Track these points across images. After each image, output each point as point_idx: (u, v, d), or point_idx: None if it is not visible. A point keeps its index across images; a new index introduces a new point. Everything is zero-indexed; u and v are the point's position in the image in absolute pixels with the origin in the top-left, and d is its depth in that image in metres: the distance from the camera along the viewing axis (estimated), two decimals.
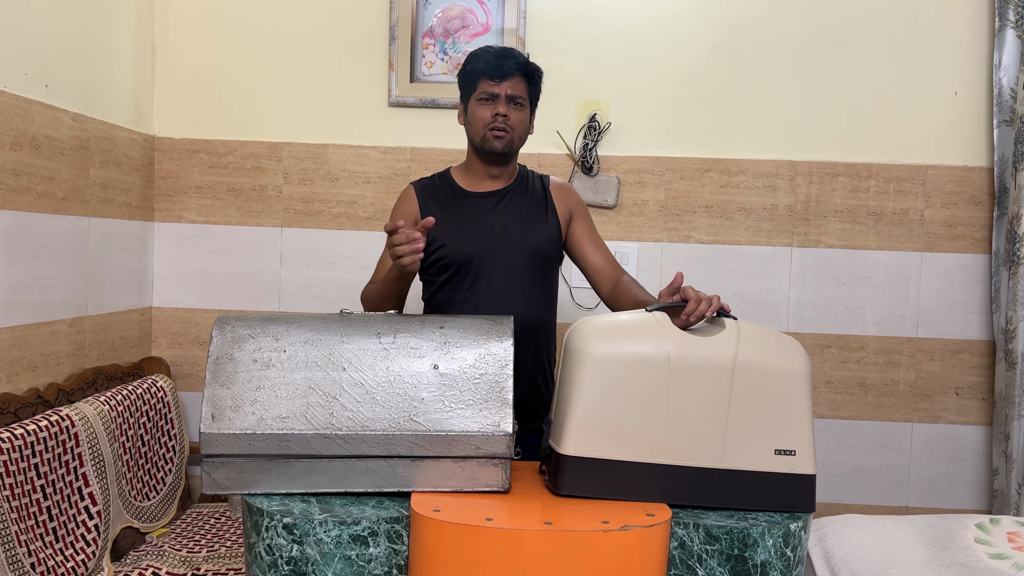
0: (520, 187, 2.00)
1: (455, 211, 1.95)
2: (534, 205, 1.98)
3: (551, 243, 1.97)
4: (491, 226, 1.93)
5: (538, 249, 1.94)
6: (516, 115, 1.90)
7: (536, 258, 1.94)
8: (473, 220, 1.94)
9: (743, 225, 2.83)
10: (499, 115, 1.88)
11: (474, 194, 1.97)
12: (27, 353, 2.20)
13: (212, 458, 1.38)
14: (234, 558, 2.32)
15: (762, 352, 1.41)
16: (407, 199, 2.00)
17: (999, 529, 1.99)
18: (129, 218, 2.71)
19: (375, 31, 2.84)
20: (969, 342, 2.83)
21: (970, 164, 2.80)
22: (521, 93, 1.90)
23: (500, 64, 1.87)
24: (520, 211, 1.96)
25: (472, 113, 1.93)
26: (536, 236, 1.95)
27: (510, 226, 1.94)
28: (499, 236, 1.92)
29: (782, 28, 2.80)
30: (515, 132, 1.91)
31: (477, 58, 1.91)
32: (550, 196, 2.01)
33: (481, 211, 1.95)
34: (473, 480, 1.38)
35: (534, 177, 2.04)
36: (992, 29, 2.75)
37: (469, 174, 2.00)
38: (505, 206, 1.96)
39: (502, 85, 1.88)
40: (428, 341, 1.44)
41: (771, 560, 1.33)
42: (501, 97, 1.88)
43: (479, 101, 1.90)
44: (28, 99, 2.18)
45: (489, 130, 1.89)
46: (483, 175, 1.98)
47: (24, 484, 1.92)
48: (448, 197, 1.98)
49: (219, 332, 1.44)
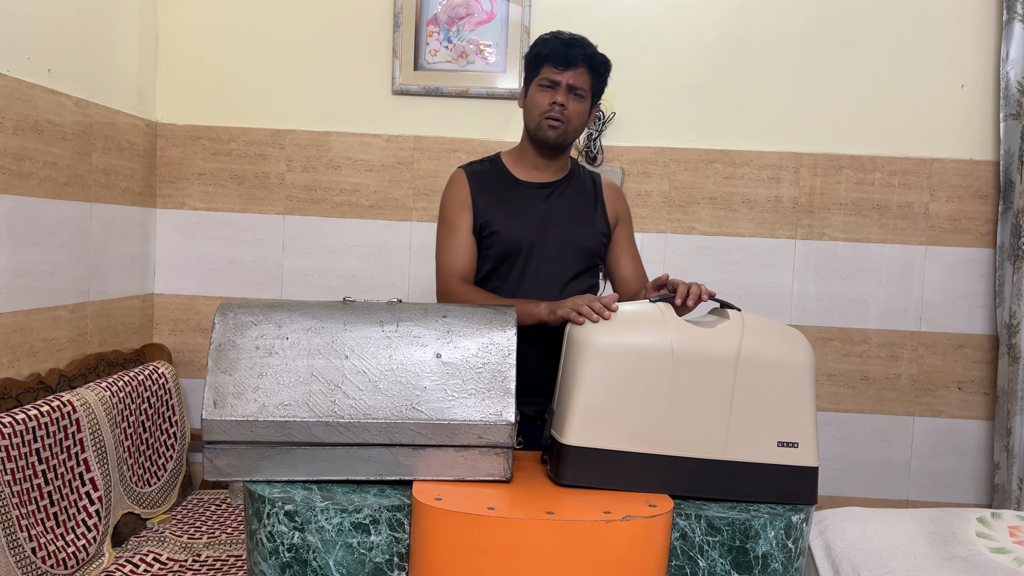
0: (572, 182, 1.94)
1: (507, 197, 1.89)
2: (585, 202, 1.93)
3: (598, 241, 1.93)
4: (542, 217, 1.88)
5: (586, 247, 1.90)
6: (575, 106, 1.83)
7: (583, 255, 1.90)
8: (525, 209, 1.88)
9: (747, 217, 2.82)
10: (557, 104, 1.81)
11: (526, 183, 1.91)
12: (29, 338, 2.20)
13: (214, 445, 1.37)
14: (235, 545, 2.33)
15: (766, 344, 1.40)
16: (459, 184, 1.92)
17: (1000, 523, 1.99)
18: (131, 204, 2.70)
19: (379, 18, 2.82)
20: (972, 336, 2.82)
21: (976, 158, 2.79)
22: (583, 84, 1.83)
23: (566, 52, 1.81)
24: (571, 206, 1.91)
25: (531, 98, 1.86)
26: (585, 233, 1.90)
27: (561, 219, 1.89)
28: (550, 228, 1.87)
29: (788, 19, 2.79)
30: (571, 124, 1.84)
31: (546, 43, 1.84)
32: (601, 196, 1.96)
33: (533, 201, 1.90)
34: (475, 469, 1.38)
35: (585, 174, 1.99)
36: (1000, 22, 2.73)
37: (521, 161, 1.94)
38: (557, 199, 1.91)
39: (565, 74, 1.81)
40: (431, 330, 1.44)
41: (772, 552, 1.33)
42: (562, 86, 1.82)
43: (540, 87, 1.84)
44: (31, 83, 2.17)
45: (545, 118, 1.82)
46: (535, 163, 1.92)
47: (25, 469, 1.92)
48: (500, 183, 1.92)
49: (222, 319, 1.44)
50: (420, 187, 2.84)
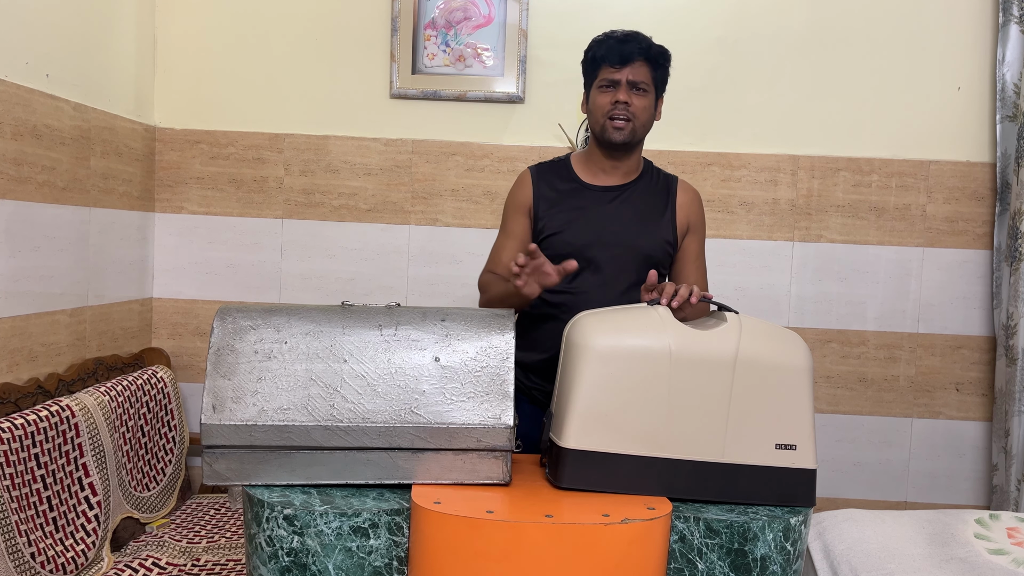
0: (642, 184, 1.90)
1: (570, 201, 1.86)
2: (654, 206, 1.89)
3: (661, 249, 1.87)
4: (604, 222, 1.84)
5: (648, 254, 1.85)
6: (639, 102, 1.80)
7: (645, 261, 1.83)
8: (585, 213, 1.85)
9: (744, 219, 2.83)
10: (619, 103, 1.79)
11: (591, 186, 1.88)
12: (28, 343, 2.20)
13: (213, 449, 1.38)
14: (234, 549, 2.33)
15: (763, 346, 1.41)
16: (523, 185, 1.91)
17: (998, 525, 1.99)
18: (130, 208, 2.70)
19: (377, 22, 2.83)
20: (970, 338, 2.82)
21: (972, 160, 2.79)
22: (644, 78, 1.81)
23: (621, 49, 1.78)
24: (636, 211, 1.87)
25: (593, 101, 1.84)
26: (648, 239, 1.85)
27: (622, 224, 1.84)
28: (609, 233, 1.83)
29: (785, 22, 2.79)
30: (637, 120, 1.81)
31: (600, 44, 1.83)
32: (674, 200, 1.90)
33: (596, 204, 1.86)
34: (474, 472, 1.38)
35: (660, 175, 1.94)
36: (996, 24, 2.74)
37: (589, 164, 1.91)
38: (622, 203, 1.86)
39: (623, 71, 1.79)
40: (429, 333, 1.44)
41: (771, 554, 1.33)
42: (622, 84, 1.79)
43: (600, 89, 1.82)
44: (29, 88, 2.18)
45: (608, 119, 1.80)
46: (603, 166, 1.88)
47: (24, 474, 1.92)
48: (564, 185, 1.89)
49: (220, 323, 1.44)
50: (418, 190, 2.85)
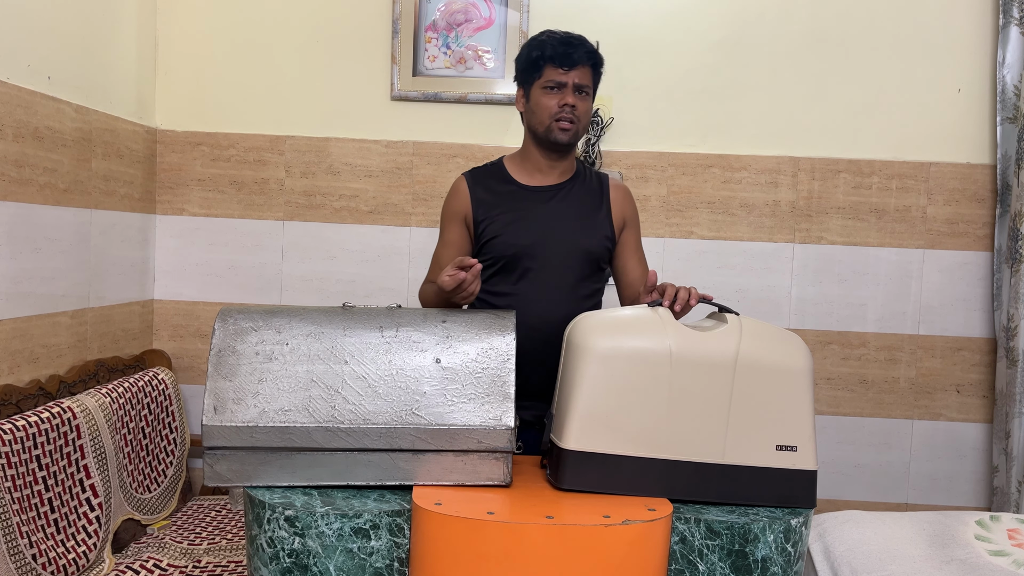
0: (577, 183, 1.93)
1: (509, 203, 1.88)
2: (590, 204, 1.92)
3: (602, 245, 1.90)
4: (543, 221, 1.86)
5: (589, 250, 1.88)
6: (583, 105, 1.83)
7: (586, 258, 1.88)
8: (525, 214, 1.87)
9: (745, 221, 2.83)
10: (567, 105, 1.80)
11: (528, 187, 1.90)
12: (29, 345, 2.20)
13: (214, 450, 1.38)
14: (235, 550, 2.33)
15: (764, 348, 1.41)
16: (457, 193, 1.93)
17: (999, 526, 1.99)
18: (131, 210, 2.71)
19: (378, 24, 2.83)
20: (970, 339, 2.82)
21: (973, 161, 2.80)
22: (587, 82, 1.84)
23: (569, 52, 1.80)
24: (574, 209, 1.89)
25: (536, 101, 1.84)
26: (588, 236, 1.88)
27: (563, 223, 1.87)
28: (551, 232, 1.86)
29: (785, 24, 2.80)
30: (580, 123, 1.84)
31: (543, 44, 1.83)
32: (607, 197, 1.94)
33: (535, 205, 1.88)
34: (475, 474, 1.39)
35: (591, 174, 1.97)
36: (996, 26, 2.74)
37: (525, 165, 1.92)
38: (560, 201, 1.89)
39: (570, 74, 1.80)
40: (430, 335, 1.44)
41: (772, 555, 1.34)
42: (569, 86, 1.81)
43: (544, 89, 1.82)
44: (31, 90, 2.18)
45: (555, 120, 1.82)
46: (540, 166, 1.90)
47: (26, 476, 1.92)
48: (502, 188, 1.91)
49: (222, 325, 1.44)
50: (419, 192, 2.85)
